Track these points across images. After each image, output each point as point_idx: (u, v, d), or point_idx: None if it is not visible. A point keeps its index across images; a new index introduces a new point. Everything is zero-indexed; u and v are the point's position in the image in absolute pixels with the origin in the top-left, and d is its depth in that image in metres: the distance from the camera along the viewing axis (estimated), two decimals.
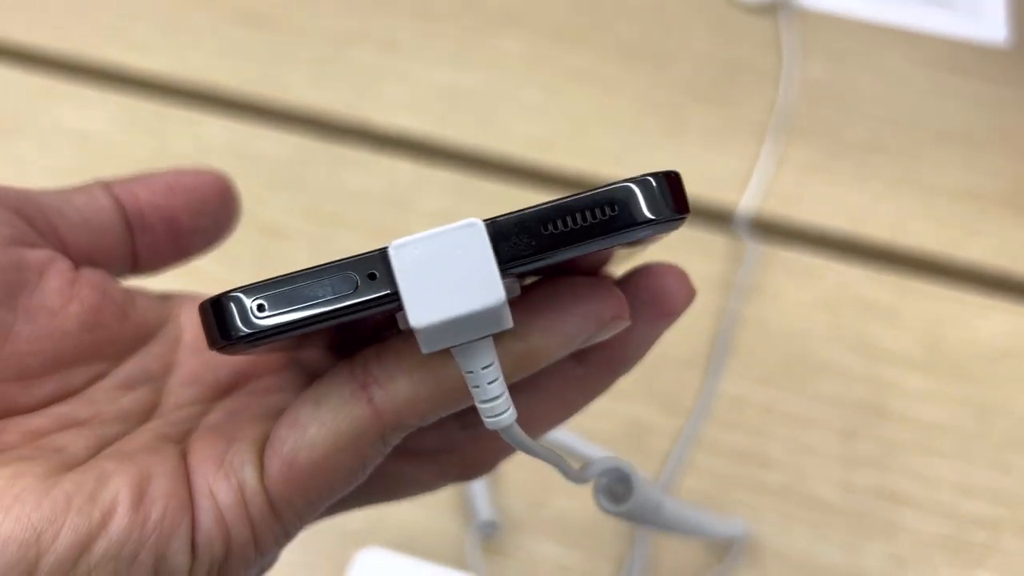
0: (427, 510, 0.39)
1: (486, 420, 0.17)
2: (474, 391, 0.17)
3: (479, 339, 0.17)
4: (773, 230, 0.48)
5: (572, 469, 0.20)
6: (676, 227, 0.18)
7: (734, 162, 0.50)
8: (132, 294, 0.23)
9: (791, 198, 0.49)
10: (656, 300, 0.21)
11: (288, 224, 0.48)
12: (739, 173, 0.50)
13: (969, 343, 0.44)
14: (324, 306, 0.16)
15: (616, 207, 0.16)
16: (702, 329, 0.44)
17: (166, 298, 0.24)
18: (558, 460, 0.19)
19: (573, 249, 0.16)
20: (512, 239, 0.16)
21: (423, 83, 0.54)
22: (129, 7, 0.57)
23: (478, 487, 0.39)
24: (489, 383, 0.17)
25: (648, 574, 0.38)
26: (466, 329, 0.16)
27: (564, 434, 0.41)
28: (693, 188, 0.53)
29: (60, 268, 0.21)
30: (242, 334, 0.17)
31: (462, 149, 0.51)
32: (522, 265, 0.16)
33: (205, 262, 0.47)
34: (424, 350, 0.17)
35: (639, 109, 0.53)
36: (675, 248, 0.47)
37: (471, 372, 0.17)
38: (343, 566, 0.38)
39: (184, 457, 0.19)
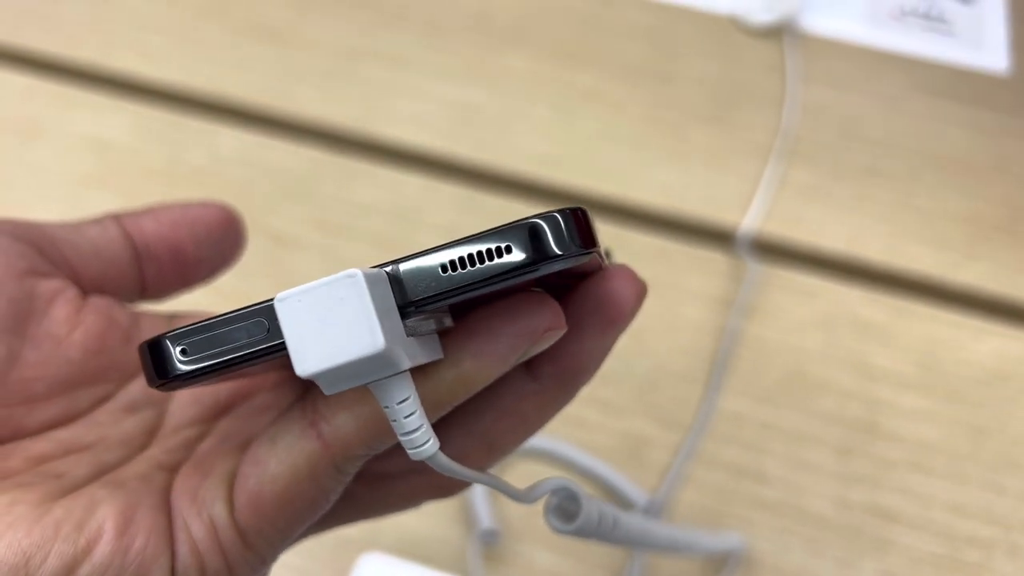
0: (428, 517, 0.40)
1: (408, 452, 0.18)
2: (392, 424, 0.17)
3: (387, 378, 0.17)
4: (773, 250, 0.49)
5: (516, 490, 0.20)
6: (584, 261, 0.17)
7: (736, 183, 0.51)
8: (138, 317, 0.24)
9: (791, 219, 0.50)
10: (603, 307, 0.21)
11: (298, 234, 0.49)
12: (741, 194, 0.51)
13: (964, 365, 0.45)
14: (238, 351, 0.17)
15: (513, 246, 0.16)
16: (702, 346, 0.45)
17: (172, 319, 0.25)
18: (498, 482, 0.20)
19: (472, 290, 0.17)
20: (412, 282, 0.17)
21: (432, 98, 0.55)
22: (145, 18, 0.58)
23: (479, 495, 0.40)
24: (406, 417, 0.17)
25: None
26: (360, 373, 0.17)
27: (563, 447, 0.41)
28: (696, 208, 0.54)
29: (68, 297, 0.22)
30: (170, 376, 0.18)
31: (469, 164, 0.52)
32: (425, 306, 0.17)
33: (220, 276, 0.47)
34: (326, 392, 0.17)
35: (644, 128, 0.54)
36: (678, 266, 0.48)
37: (387, 407, 0.17)
38: (345, 571, 0.38)
39: (169, 488, 0.21)
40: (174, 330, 0.18)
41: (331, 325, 0.16)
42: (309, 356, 0.16)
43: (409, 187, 0.51)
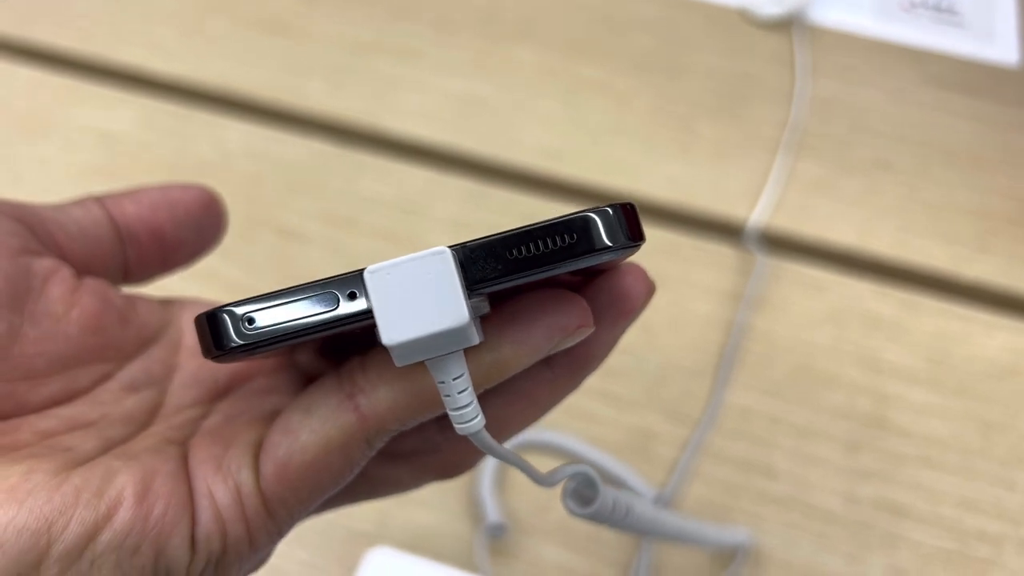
0: (436, 511, 0.40)
1: (456, 426, 0.19)
2: (445, 400, 0.18)
3: (449, 354, 0.18)
4: (782, 244, 0.49)
5: (539, 473, 0.21)
6: (632, 252, 0.19)
7: (745, 176, 0.51)
8: (133, 300, 0.24)
9: (800, 213, 0.50)
10: (616, 301, 0.22)
11: (305, 228, 0.49)
12: (750, 187, 0.51)
13: (974, 359, 0.44)
14: (308, 320, 0.18)
15: (576, 235, 0.18)
16: (710, 340, 0.45)
17: (167, 303, 0.25)
18: (525, 464, 0.20)
19: (534, 273, 0.18)
20: (479, 263, 0.18)
21: (439, 92, 0.55)
22: (153, 12, 0.58)
23: (487, 490, 0.39)
24: (459, 392, 0.18)
25: None
26: (434, 346, 0.18)
27: (573, 441, 0.41)
28: (704, 201, 0.54)
29: (63, 276, 0.22)
30: (233, 345, 0.18)
31: (476, 157, 0.52)
32: (488, 287, 0.18)
33: (225, 265, 0.48)
34: (397, 363, 0.18)
35: (652, 121, 0.54)
36: (686, 259, 0.48)
37: (443, 382, 0.18)
38: (353, 565, 0.38)
39: (185, 458, 0.21)
40: (239, 300, 0.18)
41: (418, 298, 0.17)
42: (396, 326, 0.17)
43: (416, 180, 0.51)
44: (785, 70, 0.56)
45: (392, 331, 0.17)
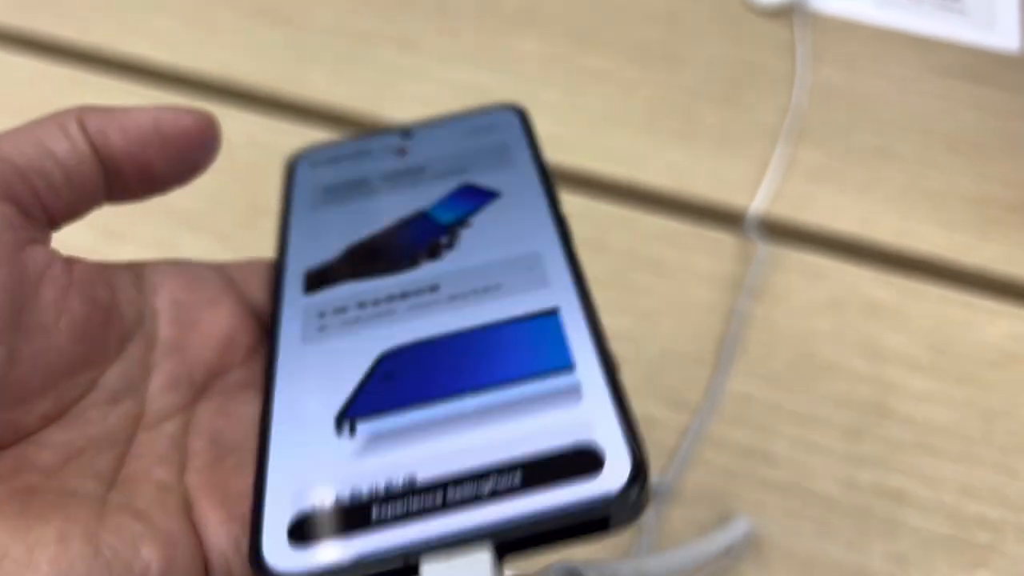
0: None
1: None
2: None
3: None
4: (783, 231, 0.49)
5: None
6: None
7: (746, 164, 0.51)
8: (114, 288, 0.23)
9: (801, 200, 0.50)
10: None
11: None
12: (750, 175, 0.51)
13: (975, 347, 0.44)
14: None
15: (605, 517, 0.20)
16: (711, 327, 0.45)
17: (139, 279, 0.25)
18: None
19: (560, 543, 0.20)
20: (514, 539, 0.19)
21: (441, 81, 0.55)
22: (154, 2, 0.58)
23: None
24: None
25: None
26: None
27: None
28: (705, 189, 0.53)
29: (54, 275, 0.22)
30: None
31: None
32: (514, 553, 0.20)
33: (226, 255, 0.48)
34: None
35: (653, 110, 0.54)
36: (687, 248, 0.48)
37: None
38: None
39: (190, 514, 0.21)
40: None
41: None
42: None
43: None
44: (786, 58, 0.56)
45: None
